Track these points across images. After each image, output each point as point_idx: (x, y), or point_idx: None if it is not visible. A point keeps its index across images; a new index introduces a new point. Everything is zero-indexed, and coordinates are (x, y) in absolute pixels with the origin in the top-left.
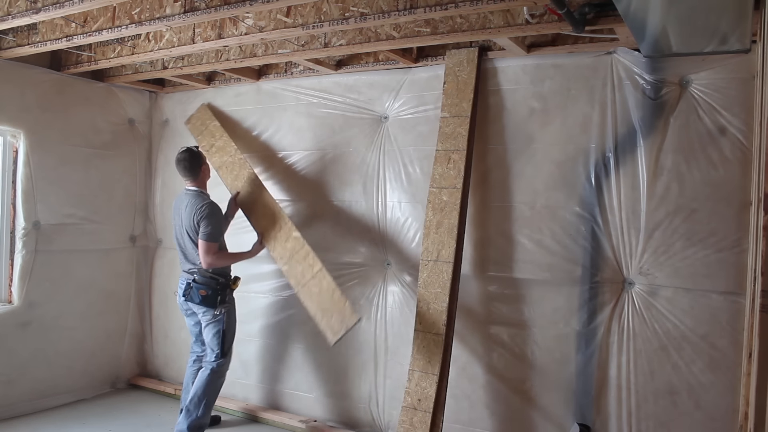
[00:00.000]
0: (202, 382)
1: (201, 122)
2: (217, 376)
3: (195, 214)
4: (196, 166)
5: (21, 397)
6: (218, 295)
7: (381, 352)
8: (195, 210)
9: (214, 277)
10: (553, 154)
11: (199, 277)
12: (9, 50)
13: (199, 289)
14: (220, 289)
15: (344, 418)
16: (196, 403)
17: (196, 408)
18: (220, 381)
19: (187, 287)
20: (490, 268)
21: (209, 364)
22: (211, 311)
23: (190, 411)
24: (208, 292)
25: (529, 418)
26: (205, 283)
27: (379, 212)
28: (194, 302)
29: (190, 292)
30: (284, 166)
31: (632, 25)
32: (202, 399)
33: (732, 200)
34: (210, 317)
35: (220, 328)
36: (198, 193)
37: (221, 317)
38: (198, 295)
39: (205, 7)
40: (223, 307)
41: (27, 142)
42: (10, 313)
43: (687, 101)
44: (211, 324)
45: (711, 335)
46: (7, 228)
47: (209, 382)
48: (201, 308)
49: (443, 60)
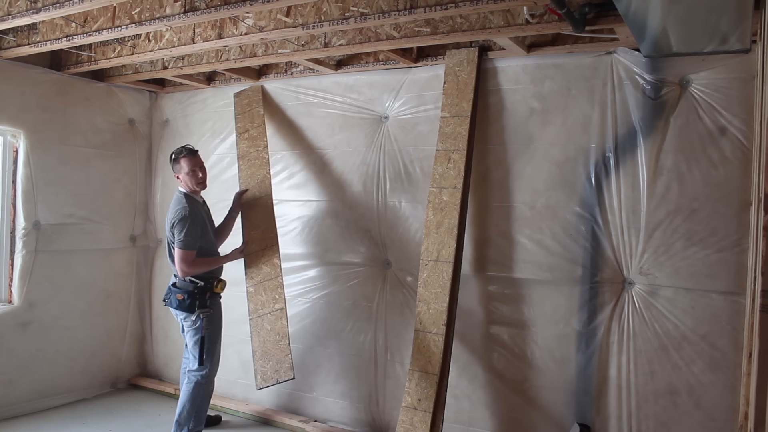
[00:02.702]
0: (188, 395)
1: (248, 102)
2: (201, 387)
3: (170, 220)
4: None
5: (21, 397)
6: (196, 300)
7: (381, 352)
8: (171, 215)
9: (192, 280)
10: (553, 154)
11: (178, 281)
12: (9, 50)
13: (176, 293)
14: (198, 293)
15: (344, 418)
16: (186, 417)
17: (187, 422)
18: (207, 389)
19: (168, 291)
20: (490, 268)
21: (192, 375)
22: (189, 317)
23: (180, 425)
24: (184, 296)
25: (529, 418)
26: (182, 287)
27: (379, 212)
28: (172, 307)
29: (169, 296)
30: (284, 166)
31: (632, 25)
32: (191, 412)
33: (732, 200)
34: (190, 324)
35: (199, 335)
36: (179, 197)
37: (200, 324)
38: (175, 300)
39: (205, 7)
40: (202, 313)
41: (27, 142)
42: (10, 313)
43: (687, 101)
44: (191, 331)
45: (711, 335)
46: (7, 228)
47: (195, 395)
48: (179, 313)
49: (443, 60)
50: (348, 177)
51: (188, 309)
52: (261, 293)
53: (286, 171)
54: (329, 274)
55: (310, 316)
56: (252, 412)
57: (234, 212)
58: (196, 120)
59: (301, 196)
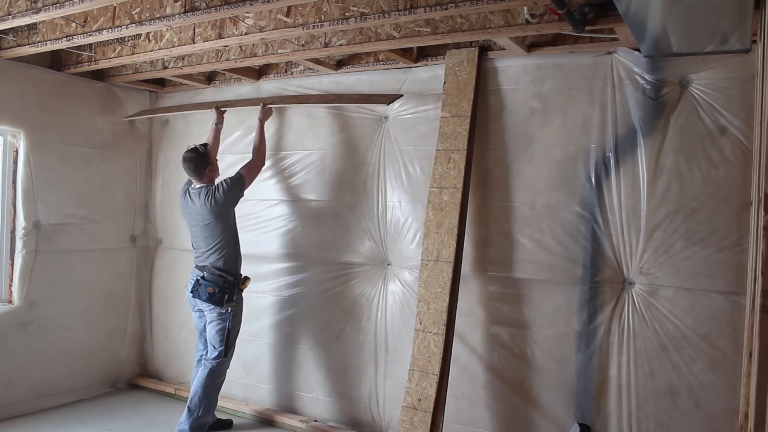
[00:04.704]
0: (201, 382)
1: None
2: (217, 375)
3: (215, 191)
4: (202, 167)
5: (21, 397)
6: (225, 294)
7: (381, 352)
8: (212, 190)
9: (222, 275)
10: (553, 153)
11: (207, 275)
12: (9, 50)
13: (206, 286)
14: (228, 287)
15: (344, 418)
16: (197, 404)
17: (197, 408)
18: (219, 380)
19: (195, 284)
20: (491, 268)
21: (209, 363)
22: (217, 309)
23: (191, 410)
24: (215, 290)
25: (529, 418)
26: (213, 281)
27: (380, 212)
28: (201, 299)
29: (198, 288)
30: (284, 166)
31: (632, 25)
32: (203, 399)
33: (732, 200)
34: (215, 315)
35: (224, 326)
36: (207, 186)
37: (227, 315)
38: (205, 292)
39: (205, 7)
40: (230, 306)
41: (27, 142)
42: (10, 313)
43: (687, 101)
44: (216, 321)
45: (711, 335)
46: (7, 228)
47: (209, 382)
48: (207, 305)
49: (443, 60)
50: (348, 177)
51: (218, 302)
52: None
53: (286, 171)
54: (329, 273)
55: (311, 317)
56: (252, 412)
57: (213, 147)
58: (196, 120)
59: (301, 197)
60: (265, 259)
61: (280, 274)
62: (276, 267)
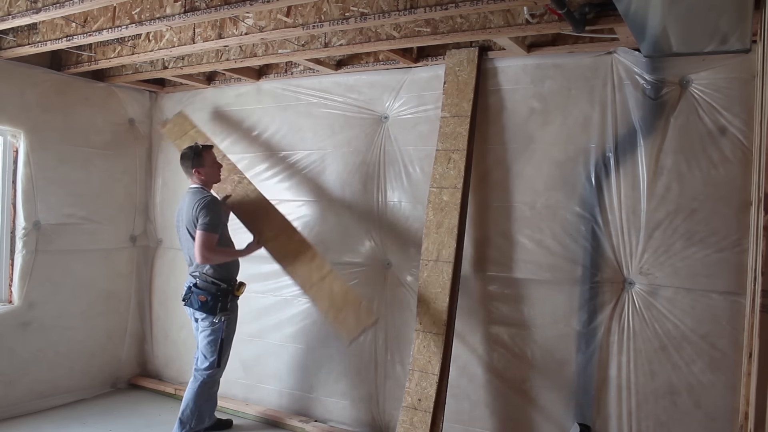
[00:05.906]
0: (192, 394)
1: (179, 129)
2: (209, 386)
3: (194, 208)
4: (189, 166)
5: (21, 397)
6: (218, 302)
7: (381, 352)
8: (194, 203)
9: (215, 282)
10: (553, 154)
11: (200, 282)
12: (9, 50)
13: (198, 294)
14: (220, 295)
15: (345, 418)
16: (188, 416)
17: (189, 420)
18: (212, 390)
19: (187, 291)
20: (490, 268)
21: (200, 374)
22: (210, 318)
23: (183, 422)
24: (207, 298)
25: (529, 417)
26: (205, 289)
27: (379, 212)
28: (192, 307)
29: (190, 296)
30: (284, 166)
31: (632, 25)
32: (195, 411)
33: (732, 200)
34: (207, 324)
35: (217, 336)
36: (198, 190)
37: (219, 325)
38: (197, 301)
39: (205, 7)
40: (223, 315)
41: (27, 142)
42: (10, 313)
43: (687, 101)
44: (208, 331)
45: (711, 335)
46: (7, 228)
47: (200, 393)
48: (200, 314)
49: (443, 60)
50: (348, 177)
51: (210, 311)
52: (301, 267)
53: (286, 171)
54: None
55: (311, 317)
56: (252, 412)
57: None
58: (196, 120)
59: (302, 197)
60: (265, 259)
61: (280, 274)
62: (276, 267)
